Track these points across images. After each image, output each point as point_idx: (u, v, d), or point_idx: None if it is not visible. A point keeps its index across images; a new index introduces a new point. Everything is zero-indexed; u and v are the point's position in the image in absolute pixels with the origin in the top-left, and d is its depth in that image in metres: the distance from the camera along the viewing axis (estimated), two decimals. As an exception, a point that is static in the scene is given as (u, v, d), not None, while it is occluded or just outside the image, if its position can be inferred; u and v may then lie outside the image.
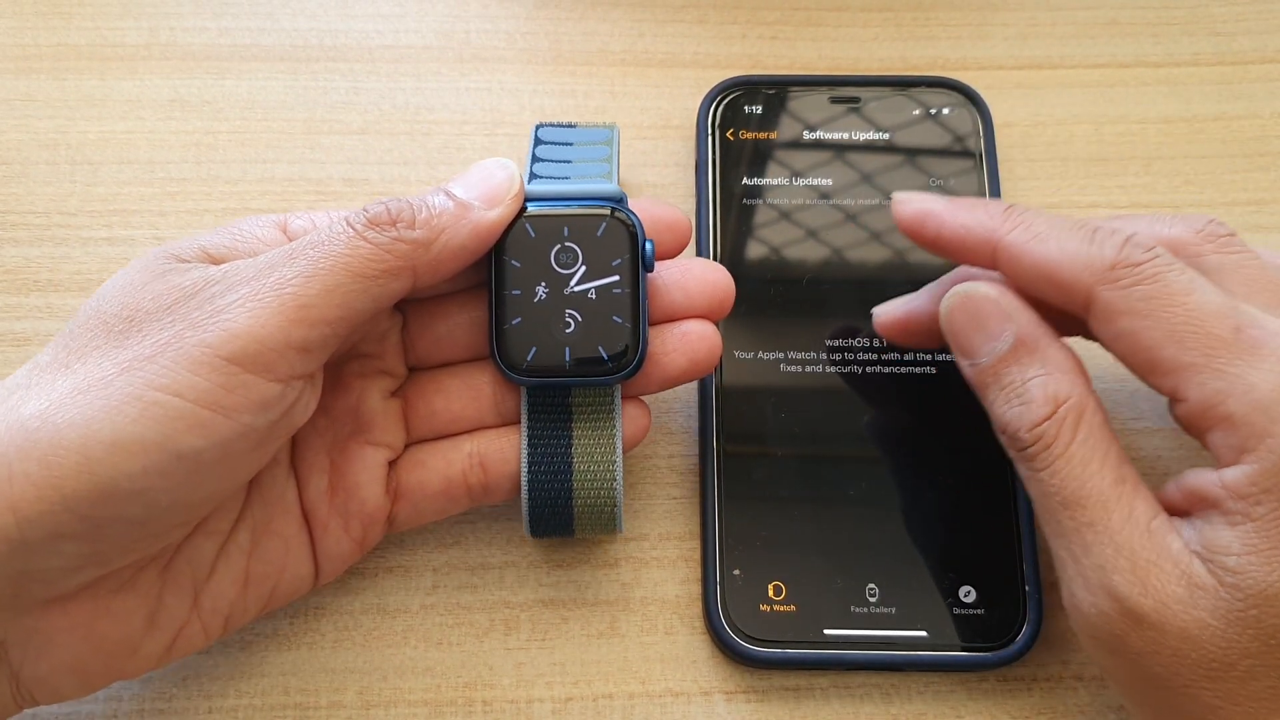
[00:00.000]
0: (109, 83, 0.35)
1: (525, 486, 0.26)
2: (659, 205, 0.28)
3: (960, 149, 0.33)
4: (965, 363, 0.25)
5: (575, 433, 0.26)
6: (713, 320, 0.27)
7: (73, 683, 0.23)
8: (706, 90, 0.34)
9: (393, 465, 0.27)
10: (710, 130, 0.33)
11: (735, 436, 0.30)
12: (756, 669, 0.28)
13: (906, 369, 0.30)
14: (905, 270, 0.31)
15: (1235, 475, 0.22)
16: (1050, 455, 0.23)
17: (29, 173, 0.33)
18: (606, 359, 0.26)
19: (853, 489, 0.29)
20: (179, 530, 0.23)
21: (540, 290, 0.26)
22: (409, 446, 0.27)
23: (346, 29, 0.36)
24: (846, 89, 0.34)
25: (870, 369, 0.30)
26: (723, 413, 0.30)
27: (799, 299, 0.31)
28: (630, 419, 0.27)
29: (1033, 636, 0.28)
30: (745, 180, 0.33)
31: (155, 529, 0.22)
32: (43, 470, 0.20)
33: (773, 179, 0.33)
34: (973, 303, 0.25)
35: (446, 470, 0.27)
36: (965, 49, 0.36)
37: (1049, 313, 0.25)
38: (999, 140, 0.34)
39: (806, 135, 0.33)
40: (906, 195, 0.27)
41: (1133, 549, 0.22)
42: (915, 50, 0.36)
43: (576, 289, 0.26)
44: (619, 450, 0.26)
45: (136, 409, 0.21)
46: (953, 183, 0.33)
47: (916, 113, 0.34)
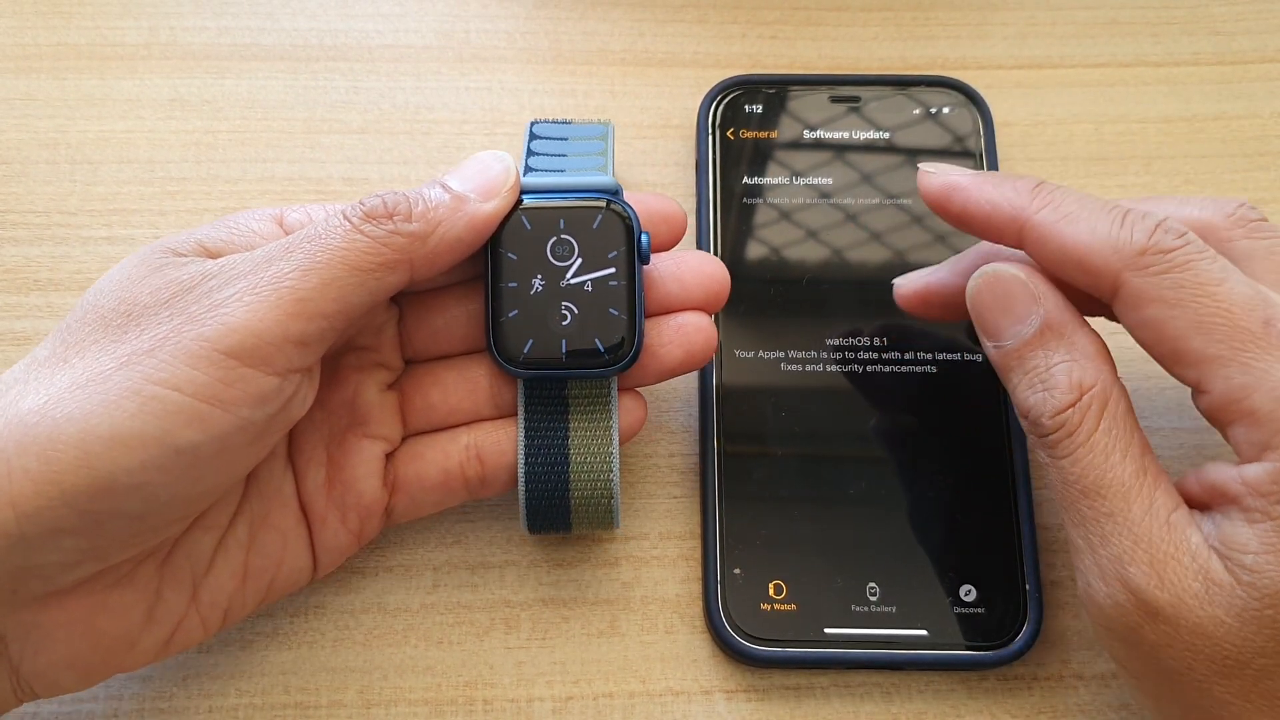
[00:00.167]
0: (109, 82, 0.35)
1: (522, 479, 0.26)
2: (655, 198, 0.28)
3: (960, 148, 0.33)
4: (990, 344, 0.25)
5: (572, 425, 0.26)
6: (708, 312, 0.27)
7: (72, 676, 0.23)
8: (706, 90, 0.34)
9: (390, 458, 0.27)
10: (710, 130, 0.33)
11: (735, 436, 0.30)
12: (757, 668, 0.28)
13: (907, 368, 0.30)
14: (906, 269, 0.31)
15: (1256, 472, 0.21)
16: (1072, 443, 0.23)
17: (29, 172, 0.33)
18: (603, 351, 0.26)
19: (853, 488, 0.29)
20: (177, 524, 0.23)
21: (536, 283, 0.26)
22: (406, 439, 0.27)
23: (346, 29, 0.36)
24: (846, 88, 0.34)
25: (870, 368, 0.30)
26: (723, 412, 0.30)
27: (799, 299, 0.31)
28: (626, 411, 0.27)
29: (1033, 635, 0.28)
30: (745, 180, 0.33)
31: (154, 523, 0.22)
32: (41, 465, 0.20)
33: (773, 178, 0.33)
34: (1000, 283, 0.24)
35: (444, 463, 0.27)
36: (965, 48, 0.36)
37: (1071, 293, 0.24)
38: (999, 140, 0.34)
39: (806, 135, 0.33)
40: (933, 166, 0.26)
41: (1151, 541, 0.22)
42: (915, 50, 0.36)
43: (573, 281, 0.26)
44: (615, 442, 0.26)
45: (135, 403, 0.21)
46: (953, 182, 0.32)
47: (916, 112, 0.34)
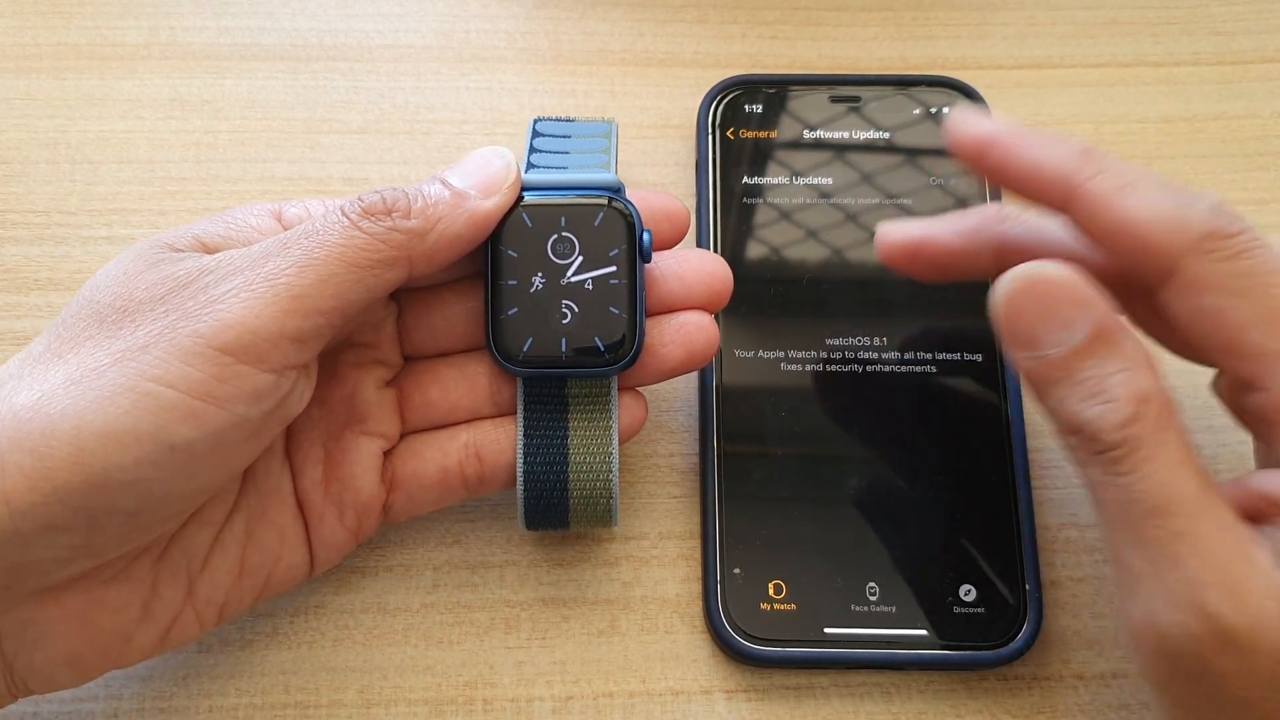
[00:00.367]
0: (109, 82, 0.35)
1: (520, 477, 0.26)
2: (657, 195, 0.28)
3: (960, 148, 0.33)
4: (1025, 354, 0.22)
5: (571, 424, 0.26)
6: (710, 312, 0.27)
7: (67, 673, 0.23)
8: (706, 90, 0.34)
9: (388, 455, 0.27)
10: (710, 129, 0.33)
11: (735, 436, 0.30)
12: (757, 668, 0.28)
13: (906, 368, 0.30)
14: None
15: None
16: (1138, 459, 0.20)
17: (29, 172, 0.33)
18: (603, 350, 0.25)
19: (853, 488, 0.29)
20: (173, 521, 0.23)
21: (537, 280, 0.26)
22: (405, 437, 0.27)
23: (346, 28, 0.36)
24: (846, 88, 0.34)
25: (870, 368, 0.30)
26: (723, 412, 0.30)
27: (799, 298, 0.31)
28: (627, 410, 0.27)
29: (1033, 635, 0.28)
30: (745, 179, 0.33)
31: (148, 520, 0.22)
32: (35, 461, 0.20)
33: (773, 178, 0.33)
34: (1042, 287, 0.21)
35: (442, 461, 0.26)
36: (965, 48, 0.36)
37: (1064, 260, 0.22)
38: (999, 139, 0.34)
39: (806, 135, 0.33)
40: (964, 113, 0.24)
41: (1225, 561, 0.20)
42: (915, 50, 0.36)
43: (573, 279, 0.26)
44: (615, 442, 0.26)
45: (129, 400, 0.20)
46: (953, 182, 0.33)
47: (916, 112, 0.34)
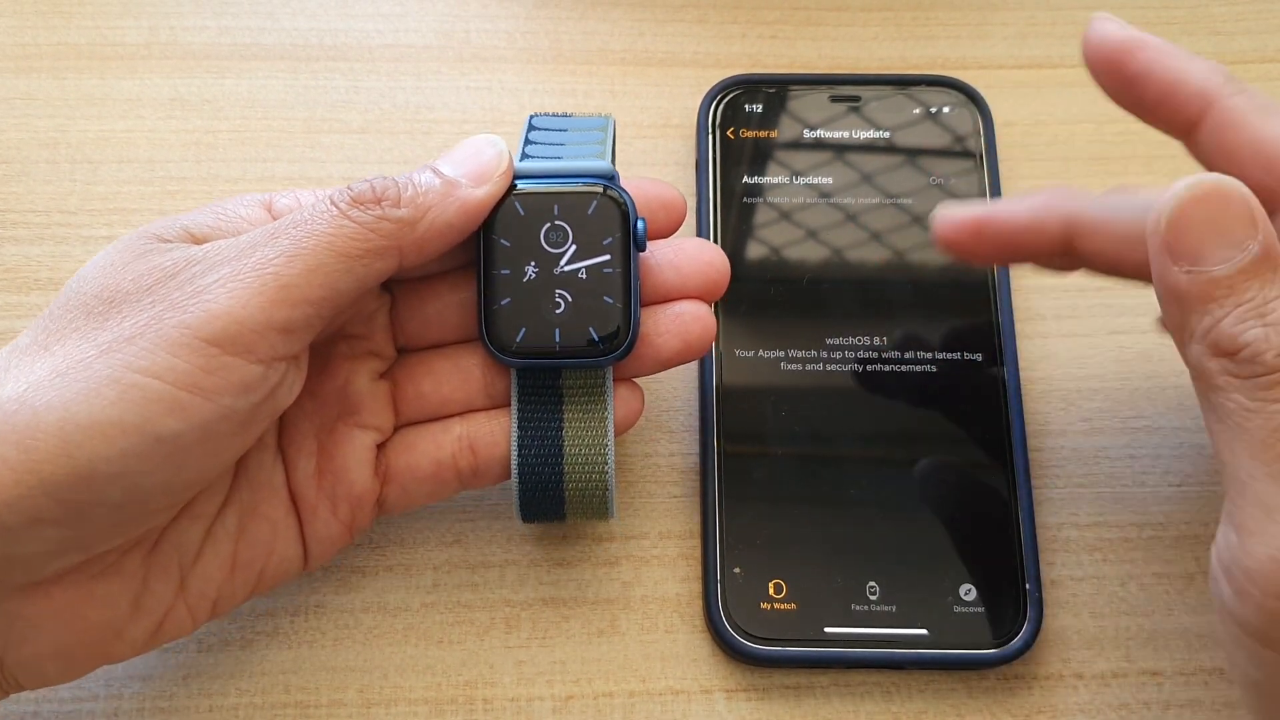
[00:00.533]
0: (109, 82, 0.35)
1: (515, 469, 0.26)
2: (652, 183, 0.27)
3: (961, 148, 0.33)
4: (1185, 268, 0.21)
5: (566, 415, 0.26)
6: (707, 301, 0.27)
7: (58, 667, 0.23)
8: (706, 89, 0.34)
9: (381, 448, 0.26)
10: (710, 129, 0.33)
11: (735, 435, 0.30)
12: (757, 667, 0.28)
13: (906, 368, 0.30)
14: (905, 270, 0.32)
15: None
16: None
17: (29, 171, 0.33)
18: (597, 340, 0.25)
19: (853, 488, 0.29)
20: (163, 514, 0.23)
21: (530, 270, 0.25)
22: (398, 429, 0.27)
23: (346, 28, 0.36)
24: (846, 88, 0.34)
25: (870, 368, 0.30)
26: (723, 412, 0.30)
27: (799, 298, 0.31)
28: (622, 401, 0.27)
29: (1033, 635, 0.28)
30: (745, 179, 0.33)
31: (137, 513, 0.22)
32: (20, 454, 0.20)
33: (773, 178, 0.33)
34: (1220, 197, 0.20)
35: (436, 453, 0.26)
36: (965, 48, 0.36)
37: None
38: (1000, 140, 0.34)
39: (807, 134, 0.33)
40: (1107, 20, 0.23)
41: None
42: (915, 49, 0.36)
43: (567, 268, 0.25)
44: (610, 433, 0.26)
45: (115, 391, 0.20)
46: (953, 182, 0.33)
47: (917, 112, 0.34)
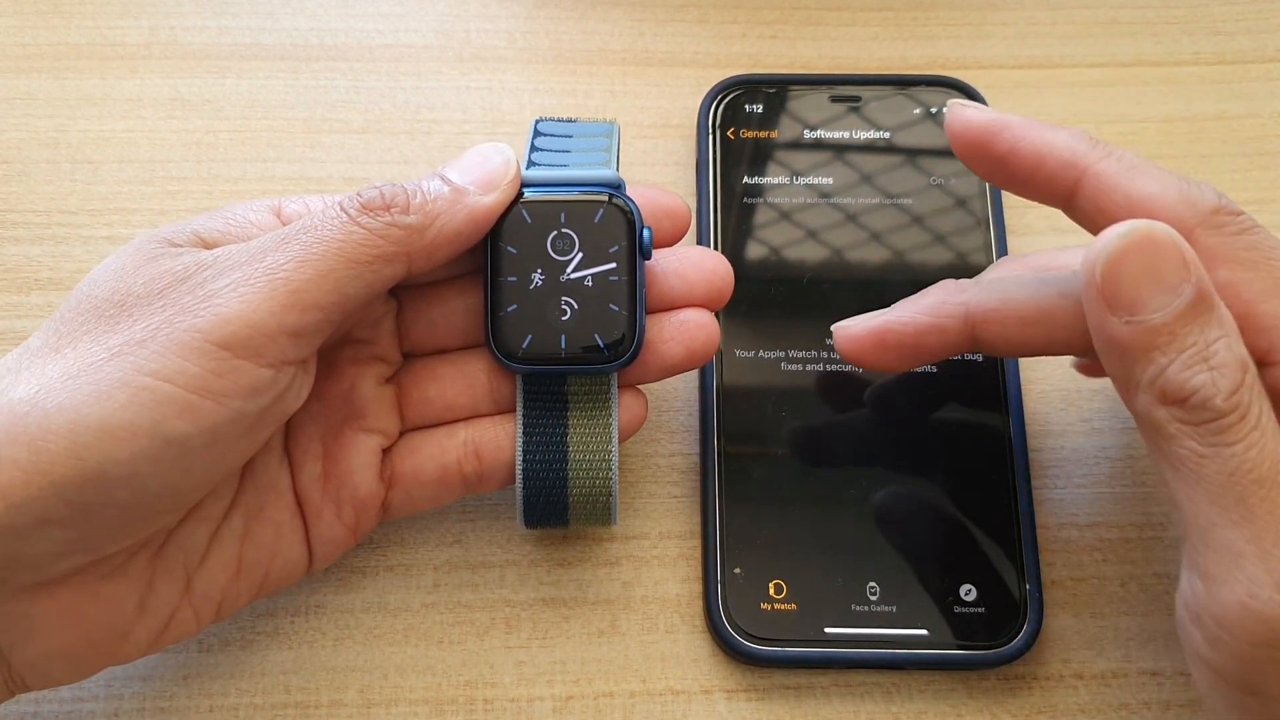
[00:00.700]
0: (109, 82, 0.35)
1: (520, 475, 0.26)
2: (658, 191, 0.27)
3: (960, 148, 0.33)
4: (1119, 319, 0.20)
5: (571, 421, 0.26)
6: (711, 309, 0.27)
7: (63, 668, 0.23)
8: (707, 89, 0.34)
9: (387, 452, 0.27)
10: (710, 129, 0.33)
11: (735, 435, 0.30)
12: (757, 667, 0.28)
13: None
14: (905, 270, 0.32)
15: None
16: (1246, 426, 0.20)
17: (30, 171, 0.33)
18: (603, 347, 0.25)
19: (853, 488, 0.29)
20: (170, 516, 0.23)
21: (536, 277, 0.26)
22: (404, 434, 0.27)
23: (347, 28, 0.36)
24: (847, 88, 0.34)
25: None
26: (723, 412, 0.30)
27: (799, 298, 0.31)
28: (626, 408, 0.27)
29: (1033, 635, 0.28)
30: (746, 179, 0.33)
31: (145, 514, 0.22)
32: (31, 455, 0.20)
33: (773, 178, 0.33)
34: (1153, 244, 0.20)
35: (441, 458, 0.26)
36: (965, 48, 0.36)
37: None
38: (999, 139, 0.34)
39: (807, 134, 0.33)
40: (965, 104, 0.24)
41: None
42: (915, 49, 0.36)
43: (573, 276, 0.26)
44: (615, 439, 0.26)
45: (126, 394, 0.20)
46: (953, 182, 0.33)
47: (917, 112, 0.34)
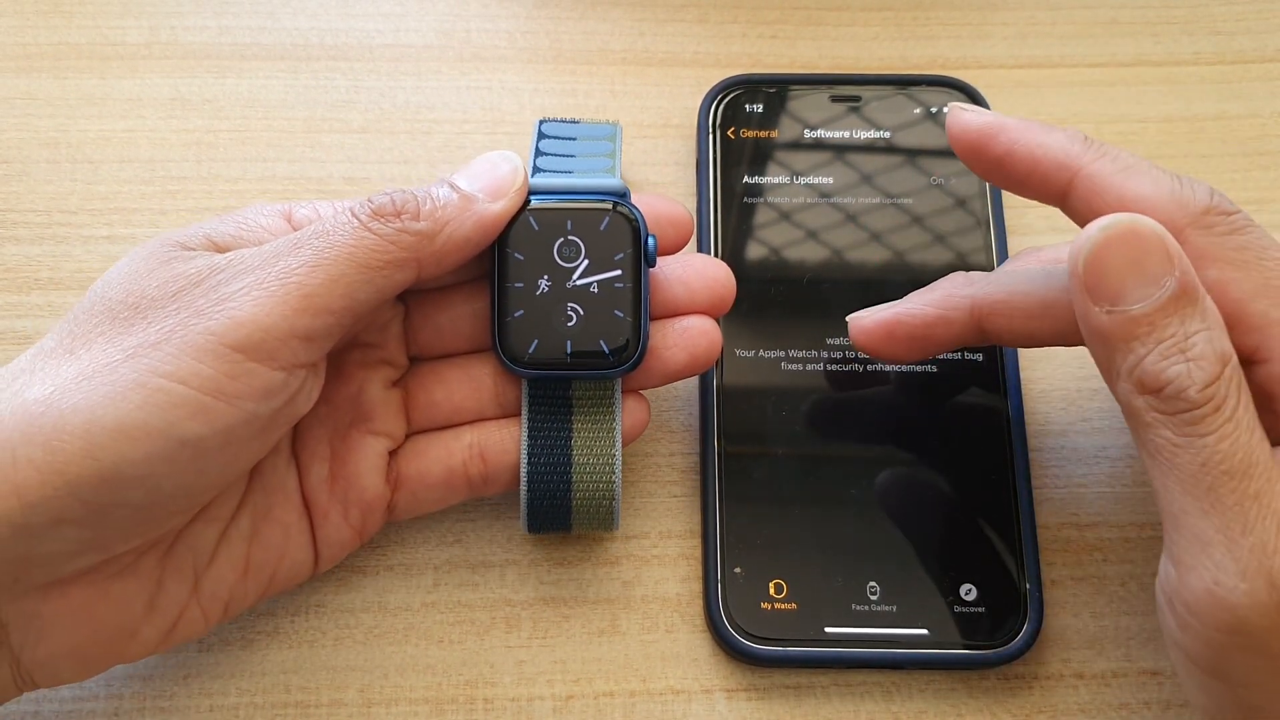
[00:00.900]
0: (110, 82, 0.35)
1: (524, 478, 0.26)
2: (662, 200, 0.28)
3: (960, 148, 0.33)
4: (1101, 309, 0.21)
5: (575, 425, 0.26)
6: (714, 316, 0.28)
7: (72, 666, 0.23)
8: (707, 89, 0.34)
9: (393, 455, 0.27)
10: (711, 129, 0.33)
11: (736, 435, 0.30)
12: (757, 667, 0.28)
13: (907, 368, 0.30)
14: (905, 270, 0.32)
15: None
16: (1220, 418, 0.20)
17: (30, 171, 0.33)
18: (607, 352, 0.26)
19: (853, 488, 0.29)
20: (181, 516, 0.23)
21: (542, 283, 0.26)
22: (410, 436, 0.27)
23: (347, 28, 0.36)
24: (847, 88, 0.34)
25: (870, 368, 0.30)
26: (723, 411, 0.30)
27: (799, 298, 0.31)
28: (630, 413, 0.27)
29: (1034, 634, 0.28)
30: (746, 179, 0.33)
31: (157, 514, 0.22)
32: (46, 455, 0.20)
33: (773, 178, 0.33)
34: (1136, 237, 0.21)
35: (447, 460, 0.27)
36: (965, 48, 0.36)
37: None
38: (999, 139, 0.34)
39: (807, 134, 0.33)
40: (963, 107, 0.24)
41: None
42: (915, 49, 0.36)
43: (579, 282, 0.26)
44: (618, 444, 0.26)
45: (140, 395, 0.21)
46: (953, 182, 0.33)
47: (917, 112, 0.34)
